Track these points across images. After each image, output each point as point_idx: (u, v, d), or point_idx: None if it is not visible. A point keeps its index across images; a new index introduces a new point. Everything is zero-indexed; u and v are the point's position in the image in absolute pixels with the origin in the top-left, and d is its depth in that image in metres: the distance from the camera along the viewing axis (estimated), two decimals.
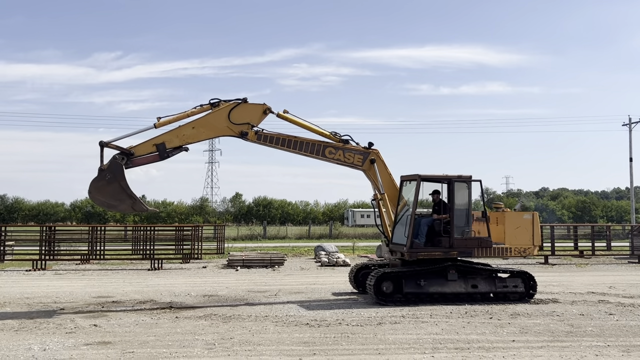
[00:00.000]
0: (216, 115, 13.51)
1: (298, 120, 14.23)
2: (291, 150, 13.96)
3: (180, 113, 13.29)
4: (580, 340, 9.50)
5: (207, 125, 13.42)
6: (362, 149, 14.32)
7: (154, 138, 13.00)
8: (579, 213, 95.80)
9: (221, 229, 27.75)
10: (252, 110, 13.84)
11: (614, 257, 28.10)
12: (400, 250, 13.77)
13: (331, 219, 78.22)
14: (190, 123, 13.30)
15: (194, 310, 12.36)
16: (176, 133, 13.13)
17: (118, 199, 12.56)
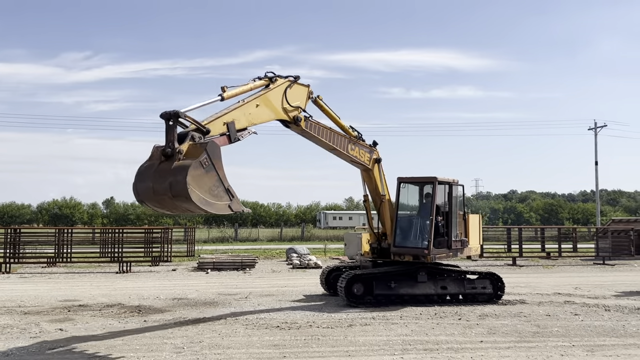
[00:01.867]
0: (275, 92, 11.49)
1: (330, 111, 13.14)
2: (328, 143, 12.79)
3: (243, 85, 11.00)
4: (547, 340, 9.66)
5: (268, 104, 11.31)
6: (369, 146, 13.94)
7: (223, 115, 10.09)
8: (547, 215, 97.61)
9: (192, 232, 27.51)
10: (302, 92, 12.22)
11: (579, 259, 28.69)
12: (415, 253, 13.62)
13: (303, 221, 78.18)
14: (255, 100, 10.98)
15: (163, 314, 12.22)
16: (243, 111, 10.58)
17: (214, 194, 9.06)
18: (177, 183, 8.26)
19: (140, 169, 8.77)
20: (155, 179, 8.51)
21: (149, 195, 8.61)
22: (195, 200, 8.40)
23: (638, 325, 10.95)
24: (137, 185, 8.68)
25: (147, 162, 8.82)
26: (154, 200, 8.65)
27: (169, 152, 8.55)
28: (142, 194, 8.66)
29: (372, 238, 14.55)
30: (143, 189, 8.61)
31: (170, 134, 8.70)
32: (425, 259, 13.55)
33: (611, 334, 10.21)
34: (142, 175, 8.68)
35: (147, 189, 8.57)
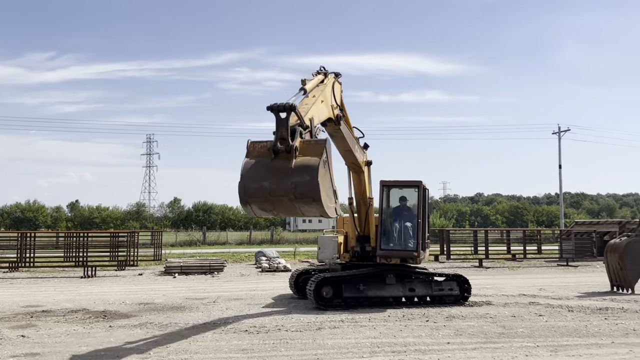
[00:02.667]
0: (328, 89, 10.84)
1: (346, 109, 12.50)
2: (349, 144, 12.28)
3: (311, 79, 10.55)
4: (512, 341, 9.81)
5: (325, 101, 10.62)
6: (362, 148, 13.76)
7: (308, 110, 9.34)
8: (512, 218, 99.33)
9: (158, 235, 27.17)
10: (339, 89, 11.68)
11: (544, 260, 29.26)
12: (403, 255, 13.79)
13: (273, 224, 77.94)
14: (320, 95, 10.36)
15: (129, 319, 12.03)
16: (316, 107, 9.95)
17: (329, 196, 8.23)
18: (306, 184, 7.55)
19: (247, 167, 7.81)
20: (272, 178, 7.65)
21: (262, 195, 7.68)
22: (323, 201, 7.74)
23: (600, 325, 11.21)
24: (248, 185, 7.69)
25: (252, 159, 7.85)
26: (266, 202, 7.76)
27: (283, 148, 7.72)
28: (254, 194, 7.69)
29: (354, 241, 14.36)
30: (255, 189, 7.64)
31: (283, 129, 7.86)
32: (414, 261, 13.78)
33: (574, 334, 10.43)
34: (252, 174, 7.73)
35: (260, 189, 7.63)
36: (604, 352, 9.01)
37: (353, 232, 14.32)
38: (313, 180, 7.51)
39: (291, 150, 7.70)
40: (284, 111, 7.94)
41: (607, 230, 31.74)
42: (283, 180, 7.59)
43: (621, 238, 17.36)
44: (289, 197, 7.60)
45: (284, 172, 7.61)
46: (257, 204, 7.85)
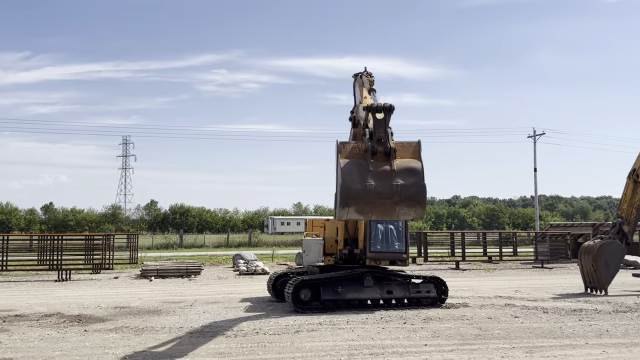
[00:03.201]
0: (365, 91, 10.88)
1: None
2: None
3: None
4: (488, 342, 9.90)
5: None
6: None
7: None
8: (488, 220, 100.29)
9: (135, 238, 26.88)
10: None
11: (519, 262, 29.61)
12: (392, 258, 14.06)
13: (251, 226, 77.64)
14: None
15: (104, 323, 11.87)
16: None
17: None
18: (412, 186, 7.37)
19: (349, 169, 7.44)
20: (374, 180, 7.37)
21: (365, 197, 7.38)
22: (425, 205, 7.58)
23: (574, 327, 11.37)
24: (351, 187, 7.35)
25: (348, 160, 7.48)
26: (367, 204, 7.47)
27: (382, 150, 7.50)
28: (356, 196, 7.38)
29: (342, 244, 14.33)
30: (358, 191, 7.34)
31: (381, 130, 7.64)
32: (403, 263, 14.05)
33: (549, 335, 10.56)
34: (354, 176, 7.42)
35: (363, 191, 7.34)
36: (578, 353, 9.14)
37: (342, 235, 14.24)
38: (420, 182, 7.41)
39: (390, 152, 7.53)
40: (381, 112, 7.71)
41: (581, 233, 32.26)
42: (387, 182, 7.38)
43: (595, 240, 17.65)
44: (394, 200, 7.41)
45: (387, 174, 7.40)
46: (357, 207, 7.59)
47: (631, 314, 12.92)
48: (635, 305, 14.27)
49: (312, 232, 15.00)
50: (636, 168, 17.07)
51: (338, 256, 14.25)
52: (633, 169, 17.15)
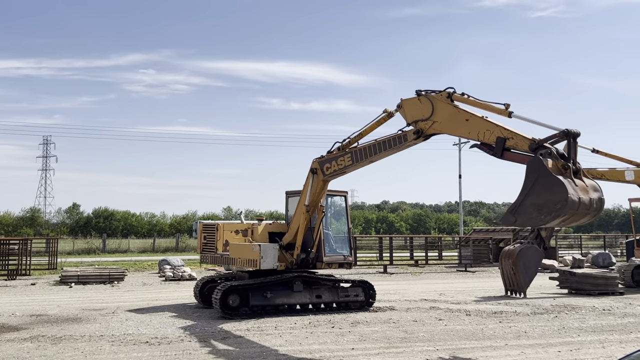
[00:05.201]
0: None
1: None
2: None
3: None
4: (413, 345, 10.09)
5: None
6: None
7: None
8: (416, 225, 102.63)
9: (54, 242, 25.70)
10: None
11: (444, 266, 30.43)
12: (341, 261, 14.48)
13: (179, 231, 75.93)
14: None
15: (19, 332, 11.24)
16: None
17: None
18: (600, 201, 8.78)
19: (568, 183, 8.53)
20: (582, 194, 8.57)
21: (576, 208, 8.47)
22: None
23: (494, 329, 11.78)
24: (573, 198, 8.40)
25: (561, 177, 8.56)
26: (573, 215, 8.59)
27: (575, 169, 8.75)
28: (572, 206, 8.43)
29: (299, 249, 14.04)
30: (575, 202, 8.45)
31: (575, 152, 8.96)
32: (350, 266, 14.77)
33: (471, 337, 10.88)
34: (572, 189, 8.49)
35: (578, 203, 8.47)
36: (498, 354, 9.47)
37: (300, 240, 13.95)
38: (602, 197, 8.89)
39: (579, 171, 8.81)
40: (574, 137, 8.99)
41: (503, 238, 33.52)
42: (587, 197, 8.63)
43: (515, 245, 18.35)
44: (589, 211, 8.69)
45: (585, 190, 8.69)
46: (565, 216, 8.61)
47: (548, 316, 13.53)
48: (552, 307, 14.96)
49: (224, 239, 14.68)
50: None
51: (295, 261, 14.07)
52: None
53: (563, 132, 9.01)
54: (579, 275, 18.49)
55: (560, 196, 8.29)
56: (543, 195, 8.46)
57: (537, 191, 8.54)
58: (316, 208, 13.86)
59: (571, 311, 14.24)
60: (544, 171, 8.49)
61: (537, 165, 8.56)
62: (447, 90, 10.37)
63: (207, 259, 15.80)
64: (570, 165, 8.68)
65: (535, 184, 8.53)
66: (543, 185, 8.47)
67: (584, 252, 35.50)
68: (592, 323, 12.52)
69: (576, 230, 46.45)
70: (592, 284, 17.68)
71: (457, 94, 10.38)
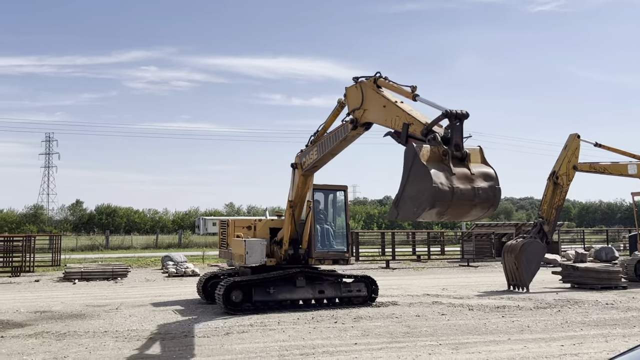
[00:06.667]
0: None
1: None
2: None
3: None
4: (416, 340, 10.10)
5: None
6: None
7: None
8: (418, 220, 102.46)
9: (58, 239, 25.75)
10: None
11: (447, 261, 30.46)
12: (335, 257, 14.27)
13: (181, 227, 76.07)
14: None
15: (23, 329, 11.29)
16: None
17: None
18: (489, 190, 7.82)
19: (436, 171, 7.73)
20: (459, 183, 7.70)
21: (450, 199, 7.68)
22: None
23: (497, 323, 11.79)
24: (441, 188, 7.61)
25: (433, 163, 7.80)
26: (450, 206, 7.76)
27: (459, 155, 7.86)
28: (443, 197, 7.66)
29: (287, 245, 14.08)
30: (446, 193, 7.65)
31: (459, 135, 8.01)
32: (345, 262, 14.34)
33: (474, 332, 10.89)
34: (442, 178, 7.71)
35: (450, 192, 7.65)
36: (501, 348, 9.48)
37: (287, 236, 14.02)
38: (496, 186, 7.89)
39: (465, 157, 7.91)
40: (459, 118, 8.03)
41: (505, 232, 33.57)
42: (469, 186, 7.75)
43: (517, 239, 18.38)
44: (473, 202, 7.81)
45: (467, 177, 7.80)
46: (440, 208, 7.80)
47: (550, 310, 13.54)
48: (555, 301, 14.96)
49: (235, 234, 14.67)
50: (556, 170, 17.90)
51: (283, 256, 14.09)
52: (553, 171, 17.98)
53: (443, 113, 8.18)
54: (582, 270, 18.49)
55: (425, 185, 7.65)
56: (415, 185, 7.87)
57: (411, 182, 7.95)
58: (302, 203, 13.87)
59: (574, 305, 14.23)
60: (416, 160, 7.85)
61: (410, 153, 7.97)
62: (375, 75, 9.95)
63: (223, 254, 15.94)
64: (449, 151, 7.82)
65: (410, 174, 7.95)
66: (415, 175, 7.87)
67: (587, 246, 35.53)
68: (595, 317, 12.52)
69: (579, 224, 46.37)
70: (595, 278, 17.67)
71: (382, 79, 9.91)
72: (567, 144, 18.16)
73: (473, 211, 8.02)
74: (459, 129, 8.03)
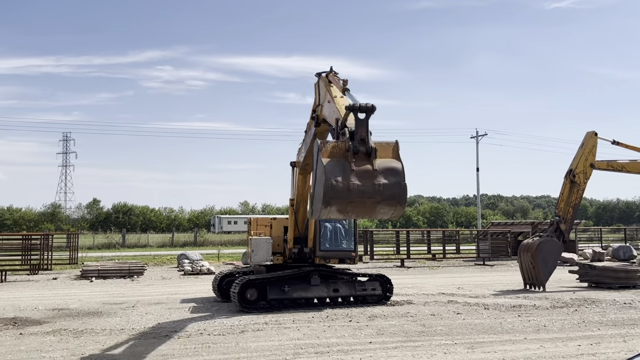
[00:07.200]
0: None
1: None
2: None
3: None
4: (431, 339, 10.07)
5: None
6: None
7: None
8: (433, 218, 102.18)
9: (75, 237, 26.04)
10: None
11: (462, 260, 30.29)
12: (342, 256, 14.12)
13: (197, 226, 76.49)
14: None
15: (41, 326, 11.43)
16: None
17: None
18: (393, 186, 7.42)
19: (332, 168, 7.45)
20: (357, 179, 7.39)
21: (347, 196, 7.37)
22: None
23: (513, 322, 11.71)
24: (335, 185, 7.33)
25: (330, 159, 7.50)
26: (350, 203, 7.44)
27: (364, 150, 7.52)
28: (339, 195, 7.36)
29: (292, 243, 14.19)
30: (341, 190, 7.33)
31: (362, 129, 7.63)
32: (352, 261, 14.18)
33: (490, 331, 10.83)
34: (337, 174, 7.42)
35: (346, 189, 7.33)
36: (517, 347, 9.41)
37: (292, 234, 14.14)
38: (401, 182, 7.49)
39: (371, 152, 7.58)
40: (364, 112, 7.73)
41: (521, 231, 33.30)
42: (370, 182, 7.43)
43: (533, 238, 18.24)
44: (375, 199, 7.46)
45: (369, 173, 7.45)
46: (338, 206, 7.55)
47: (567, 310, 13.41)
48: (571, 300, 14.82)
49: (257, 232, 14.82)
50: (573, 168, 17.73)
51: (288, 255, 14.16)
52: (570, 169, 17.81)
53: (346, 107, 7.90)
54: (600, 269, 18.30)
55: (321, 182, 7.37)
56: (316, 183, 7.67)
57: (315, 179, 7.72)
58: (305, 202, 13.78)
59: (591, 305, 14.09)
60: (318, 157, 7.59)
61: (315, 150, 7.73)
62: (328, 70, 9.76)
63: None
64: (352, 146, 7.50)
65: (316, 171, 7.74)
66: (317, 172, 7.66)
67: (604, 245, 35.13)
68: (612, 317, 12.38)
69: (596, 222, 45.90)
70: (612, 277, 17.48)
71: (332, 74, 9.69)
72: (584, 142, 17.98)
73: (380, 208, 7.66)
74: (364, 123, 7.72)
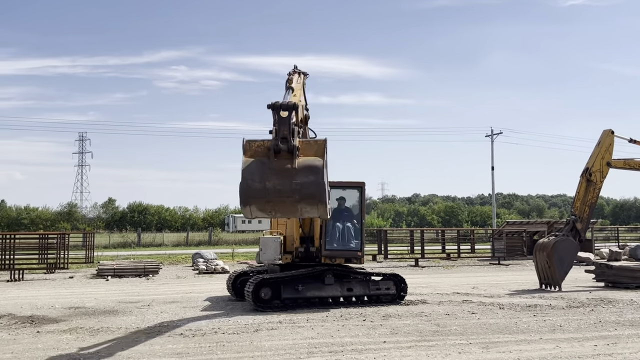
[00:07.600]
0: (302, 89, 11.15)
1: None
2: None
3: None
4: (446, 339, 10.03)
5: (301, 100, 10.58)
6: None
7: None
8: (447, 217, 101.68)
9: (91, 236, 26.28)
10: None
11: (477, 259, 30.12)
12: (348, 255, 14.04)
13: (211, 225, 76.86)
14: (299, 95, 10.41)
15: (58, 324, 11.55)
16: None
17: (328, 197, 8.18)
18: (311, 184, 7.27)
19: (248, 167, 7.36)
20: (274, 178, 7.29)
21: (265, 196, 7.28)
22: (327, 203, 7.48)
23: (529, 322, 11.63)
24: (251, 185, 7.24)
25: (251, 159, 7.42)
26: (268, 203, 7.36)
27: (285, 148, 7.39)
28: (256, 195, 7.27)
29: (298, 242, 14.23)
30: (258, 190, 7.24)
31: (284, 128, 7.51)
32: (358, 261, 14.07)
33: (505, 331, 10.76)
34: (254, 174, 7.32)
35: (263, 189, 7.25)
36: (533, 347, 9.34)
37: (297, 233, 14.20)
38: (319, 180, 7.34)
39: (293, 150, 7.46)
40: (285, 110, 7.66)
41: (537, 230, 33.03)
42: (287, 181, 7.33)
43: (549, 237, 18.07)
44: (294, 198, 7.34)
45: (287, 172, 7.34)
46: (258, 205, 7.52)
47: (583, 309, 13.29)
48: (588, 300, 14.68)
49: (276, 230, 14.90)
50: (589, 167, 17.56)
51: (295, 254, 14.19)
52: (586, 167, 17.63)
53: (267, 105, 7.77)
54: (616, 268, 18.10)
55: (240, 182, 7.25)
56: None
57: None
58: None
59: (608, 304, 13.95)
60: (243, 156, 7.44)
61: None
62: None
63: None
64: (272, 145, 7.36)
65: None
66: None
67: (622, 245, 34.75)
68: (629, 317, 12.25)
69: (613, 222, 45.46)
70: (630, 277, 17.29)
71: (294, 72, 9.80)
72: (600, 140, 17.80)
73: (301, 207, 7.53)
74: (285, 121, 7.60)
